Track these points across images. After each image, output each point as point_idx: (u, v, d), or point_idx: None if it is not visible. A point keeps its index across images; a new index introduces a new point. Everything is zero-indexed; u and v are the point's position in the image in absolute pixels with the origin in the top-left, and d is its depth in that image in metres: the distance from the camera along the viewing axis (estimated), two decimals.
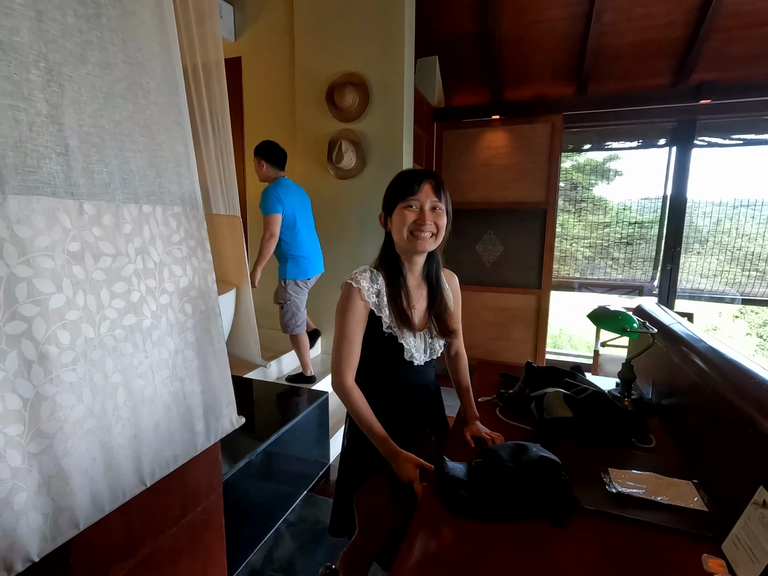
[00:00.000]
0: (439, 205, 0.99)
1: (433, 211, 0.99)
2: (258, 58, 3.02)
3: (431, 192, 0.98)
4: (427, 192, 0.98)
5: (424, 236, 0.98)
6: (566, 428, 1.04)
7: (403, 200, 0.98)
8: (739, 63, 2.88)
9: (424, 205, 0.98)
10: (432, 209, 0.99)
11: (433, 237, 1.00)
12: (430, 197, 0.98)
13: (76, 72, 0.86)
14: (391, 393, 1.07)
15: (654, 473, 0.89)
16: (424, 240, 0.99)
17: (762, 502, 0.66)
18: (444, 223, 1.01)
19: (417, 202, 0.98)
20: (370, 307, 1.00)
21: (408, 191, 0.98)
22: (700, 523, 0.76)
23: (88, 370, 0.85)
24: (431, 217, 0.98)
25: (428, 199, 0.98)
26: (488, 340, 3.54)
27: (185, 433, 1.10)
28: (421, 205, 0.98)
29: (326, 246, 2.91)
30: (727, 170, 3.44)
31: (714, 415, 0.93)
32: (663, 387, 1.29)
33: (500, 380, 1.44)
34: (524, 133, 3.29)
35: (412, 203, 0.98)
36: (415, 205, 0.98)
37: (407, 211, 0.98)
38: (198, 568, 1.25)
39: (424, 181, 0.98)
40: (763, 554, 0.61)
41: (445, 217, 1.01)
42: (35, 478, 0.77)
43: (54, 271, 0.80)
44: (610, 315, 1.18)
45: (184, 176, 1.12)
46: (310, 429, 1.98)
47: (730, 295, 3.48)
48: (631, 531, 0.76)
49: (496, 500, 0.79)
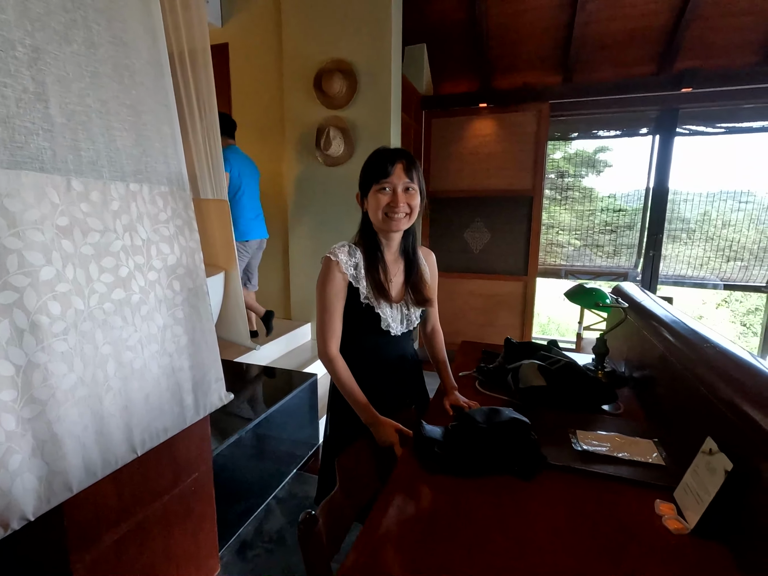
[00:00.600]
0: (411, 185, 1.03)
1: (407, 192, 1.03)
2: (245, 45, 3.01)
3: (403, 173, 1.01)
4: (399, 174, 1.01)
5: (398, 217, 1.03)
6: (540, 396, 1.10)
7: (377, 182, 1.02)
8: (720, 52, 2.94)
9: (396, 188, 1.01)
10: (405, 190, 1.03)
11: (407, 216, 1.04)
12: (403, 179, 1.01)
13: (61, 51, 0.88)
14: (371, 362, 1.12)
15: (618, 434, 0.95)
16: (398, 221, 1.04)
17: (708, 450, 0.72)
18: (417, 202, 1.05)
19: (390, 185, 1.01)
20: (348, 279, 1.04)
21: (381, 173, 1.01)
22: (657, 475, 0.82)
23: (79, 341, 0.89)
24: (404, 199, 1.02)
25: (401, 181, 1.01)
26: (476, 326, 3.60)
27: (175, 406, 1.14)
28: (393, 187, 1.02)
29: (316, 232, 2.94)
30: (712, 159, 3.52)
31: (677, 382, 0.99)
32: (635, 361, 1.35)
33: (481, 357, 1.49)
34: (511, 121, 3.32)
35: (385, 186, 1.01)
36: (388, 187, 1.02)
37: (381, 194, 1.02)
38: (190, 536, 1.29)
39: (396, 161, 1.01)
40: (706, 495, 0.67)
41: (419, 196, 1.06)
42: (29, 441, 0.81)
43: (44, 244, 0.82)
44: (584, 291, 1.24)
45: (170, 156, 1.14)
46: (300, 409, 2.02)
47: (712, 281, 3.57)
48: (593, 484, 0.81)
49: (469, 458, 0.84)
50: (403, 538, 0.68)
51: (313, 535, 0.67)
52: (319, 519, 0.69)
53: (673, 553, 0.65)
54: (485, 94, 3.44)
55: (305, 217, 2.97)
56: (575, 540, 0.67)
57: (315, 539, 0.67)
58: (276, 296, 3.21)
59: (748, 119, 3.13)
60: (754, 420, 0.66)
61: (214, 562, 1.43)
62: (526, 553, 0.65)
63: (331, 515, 0.76)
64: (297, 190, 2.95)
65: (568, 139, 3.66)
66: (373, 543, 0.67)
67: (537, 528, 0.70)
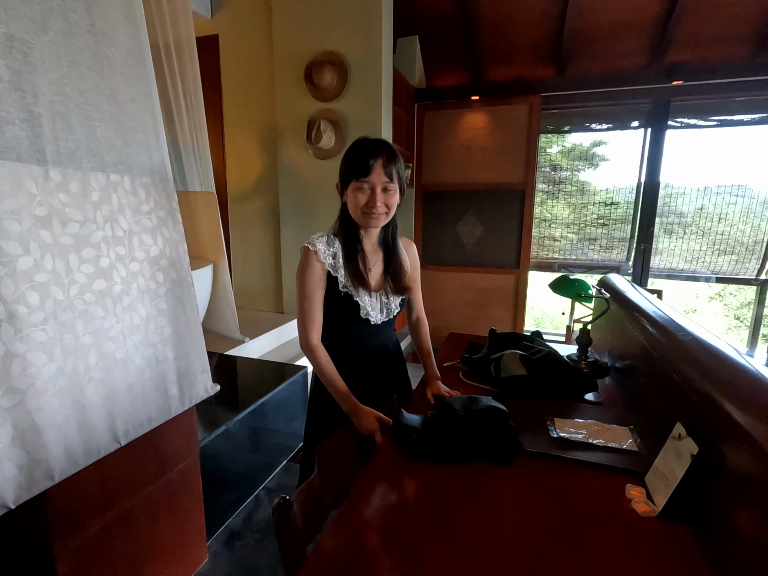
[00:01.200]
0: (390, 185, 1.02)
1: (385, 191, 1.02)
2: (235, 36, 2.98)
3: (383, 172, 1.00)
4: (378, 173, 1.00)
5: (375, 215, 1.03)
6: (521, 385, 1.11)
7: (356, 180, 1.01)
8: (711, 44, 2.93)
9: (375, 188, 1.01)
10: (384, 190, 1.02)
11: (385, 214, 1.04)
12: (382, 178, 1.01)
13: (37, 39, 0.88)
14: (352, 351, 1.13)
15: (596, 421, 0.97)
16: (376, 218, 1.04)
17: (677, 435, 0.73)
18: (395, 200, 1.05)
19: (368, 184, 1.01)
20: (327, 268, 1.05)
21: (360, 171, 1.00)
22: (630, 460, 0.83)
23: (59, 331, 0.89)
24: (382, 199, 1.02)
25: (380, 180, 1.01)
26: (467, 320, 3.62)
27: (159, 396, 1.14)
28: (372, 186, 1.01)
29: (307, 226, 2.93)
30: (706, 152, 3.52)
31: (655, 370, 1.00)
32: (617, 351, 1.37)
33: (467, 348, 1.51)
34: (503, 113, 3.32)
35: (363, 184, 1.01)
36: (367, 186, 1.01)
37: (359, 192, 1.02)
38: (176, 526, 1.30)
39: (377, 158, 1.00)
40: (674, 478, 0.69)
41: (397, 194, 1.05)
42: (8, 430, 0.81)
43: (21, 234, 0.82)
44: (568, 282, 1.25)
45: (152, 147, 1.14)
46: (290, 402, 2.03)
47: (704, 274, 3.60)
48: (567, 469, 0.83)
49: (447, 445, 0.85)
50: (378, 522, 0.70)
51: (287, 520, 0.68)
52: (293, 504, 0.70)
53: (638, 534, 0.66)
54: (477, 87, 3.43)
55: (297, 211, 2.96)
56: (544, 521, 0.69)
57: (289, 524, 0.69)
58: (267, 290, 3.21)
59: (740, 112, 3.14)
60: (722, 407, 0.67)
61: (201, 551, 1.44)
62: (497, 534, 0.66)
63: (308, 501, 0.77)
64: (288, 183, 2.94)
65: (561, 132, 3.66)
66: (349, 526, 0.68)
67: (509, 510, 0.71)
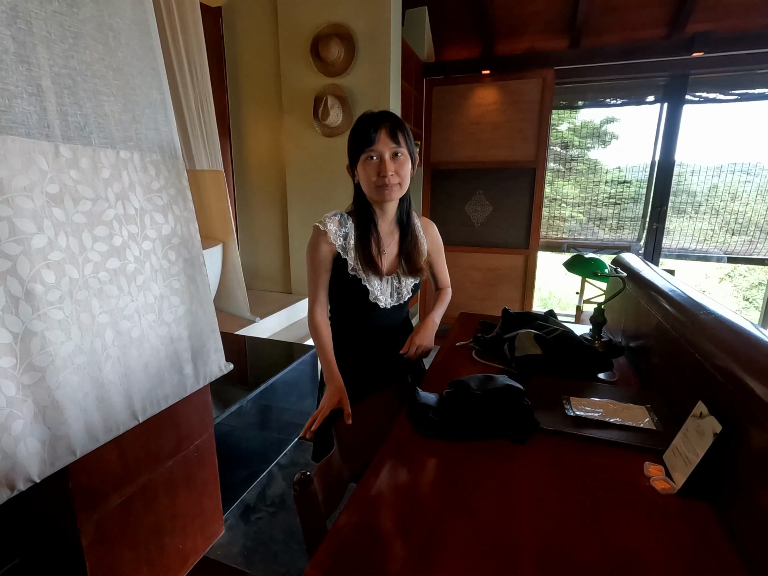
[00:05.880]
0: (399, 150, 0.99)
1: (395, 158, 0.99)
2: (239, 9, 2.89)
3: (388, 139, 0.97)
4: (384, 140, 0.97)
5: (389, 186, 0.99)
6: (535, 364, 1.10)
7: (363, 151, 0.98)
8: (735, 13, 2.80)
9: (383, 155, 0.98)
10: (393, 156, 0.99)
11: (398, 185, 1.01)
12: (389, 145, 0.97)
13: (42, 9, 0.85)
14: (360, 334, 1.13)
15: (612, 400, 0.96)
16: (390, 190, 1.00)
17: (699, 414, 0.72)
18: (407, 169, 1.01)
19: (376, 153, 0.98)
20: (337, 250, 1.03)
21: (366, 141, 0.97)
22: (648, 439, 0.83)
23: (75, 309, 0.89)
24: (393, 167, 0.98)
25: (387, 147, 0.97)
26: (476, 300, 3.61)
27: (174, 374, 1.15)
28: (380, 154, 0.98)
29: (315, 205, 2.90)
30: (722, 129, 3.41)
31: (672, 349, 0.99)
32: (632, 331, 1.35)
33: (479, 327, 1.50)
34: (515, 88, 3.22)
35: (372, 154, 0.98)
36: (375, 155, 0.98)
37: (368, 163, 0.99)
38: (194, 499, 1.34)
39: (380, 126, 0.97)
40: (695, 457, 0.68)
41: (408, 162, 1.01)
42: (30, 407, 0.82)
43: (34, 211, 0.82)
44: (583, 261, 1.23)
45: (161, 123, 1.11)
46: (301, 380, 2.05)
47: (716, 254, 3.54)
48: (584, 447, 0.83)
49: (463, 423, 0.85)
50: (395, 498, 0.70)
51: (307, 494, 0.69)
52: (313, 480, 0.70)
53: (658, 510, 0.66)
54: (488, 61, 3.32)
55: (304, 190, 2.93)
56: (562, 497, 0.69)
57: (309, 498, 0.69)
58: (276, 269, 3.20)
59: (763, 85, 3.02)
60: (746, 385, 0.66)
61: (218, 524, 1.48)
62: (514, 510, 0.67)
63: (327, 477, 0.78)
64: (295, 161, 2.90)
65: (574, 107, 3.56)
66: (366, 503, 0.69)
67: (526, 487, 0.72)
